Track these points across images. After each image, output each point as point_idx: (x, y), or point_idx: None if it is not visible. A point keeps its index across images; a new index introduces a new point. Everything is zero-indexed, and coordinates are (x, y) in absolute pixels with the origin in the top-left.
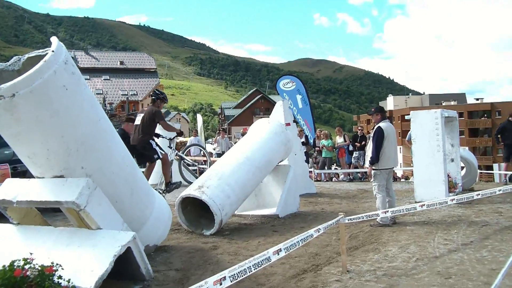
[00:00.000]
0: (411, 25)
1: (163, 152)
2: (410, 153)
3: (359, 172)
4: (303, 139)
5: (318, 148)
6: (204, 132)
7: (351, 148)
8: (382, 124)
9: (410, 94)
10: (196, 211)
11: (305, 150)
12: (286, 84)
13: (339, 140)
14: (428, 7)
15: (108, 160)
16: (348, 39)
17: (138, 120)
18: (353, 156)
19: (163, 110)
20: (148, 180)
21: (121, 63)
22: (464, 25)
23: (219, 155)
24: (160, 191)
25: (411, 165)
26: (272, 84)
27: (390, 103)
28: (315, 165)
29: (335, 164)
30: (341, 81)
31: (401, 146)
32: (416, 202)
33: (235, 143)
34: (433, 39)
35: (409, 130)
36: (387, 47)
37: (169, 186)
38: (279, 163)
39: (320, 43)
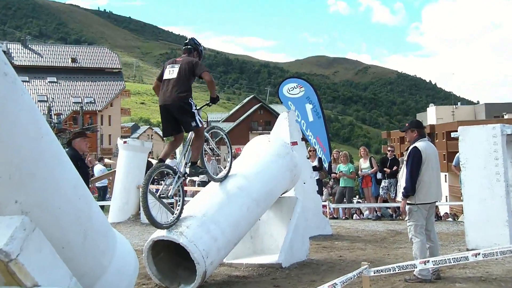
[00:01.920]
0: (459, 10)
1: (202, 121)
2: (459, 182)
3: (389, 208)
4: (315, 163)
5: (334, 175)
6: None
7: (379, 175)
8: (419, 144)
9: (459, 103)
10: (171, 259)
11: (317, 178)
12: (292, 89)
13: (363, 164)
14: None
15: (53, 192)
16: (374, 30)
17: (168, 73)
18: (381, 186)
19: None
20: (166, 158)
21: (73, 60)
22: None
23: (204, 183)
24: (180, 175)
25: (461, 198)
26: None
27: (431, 115)
28: (330, 197)
29: (357, 197)
30: (365, 86)
31: (446, 173)
32: (468, 250)
33: (225, 168)
34: (489, 28)
35: (457, 152)
36: (426, 41)
37: (195, 167)
38: (283, 195)
39: (337, 37)
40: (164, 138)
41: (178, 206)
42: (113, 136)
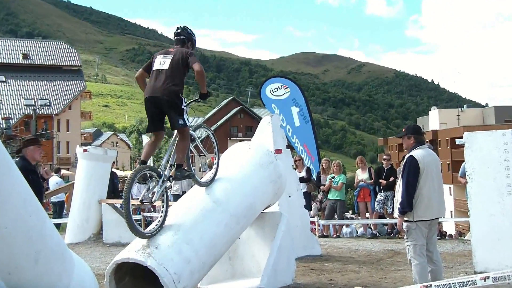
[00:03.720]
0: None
1: (188, 121)
2: (465, 195)
3: (386, 224)
4: (302, 174)
5: (323, 187)
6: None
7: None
8: (416, 152)
9: (465, 106)
10: (138, 284)
11: (304, 190)
12: (276, 90)
13: (361, 175)
14: None
15: None
16: (368, 24)
17: (159, 63)
18: (376, 200)
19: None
20: (148, 159)
21: (25, 56)
22: None
23: (177, 197)
24: (165, 178)
25: (468, 214)
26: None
27: (434, 119)
28: (320, 212)
29: (350, 212)
30: (359, 86)
31: (451, 185)
32: (476, 273)
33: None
34: (498, 20)
35: (463, 161)
36: (426, 35)
37: (180, 170)
38: (266, 210)
39: (327, 31)
40: (131, 145)
41: (162, 212)
42: (72, 144)
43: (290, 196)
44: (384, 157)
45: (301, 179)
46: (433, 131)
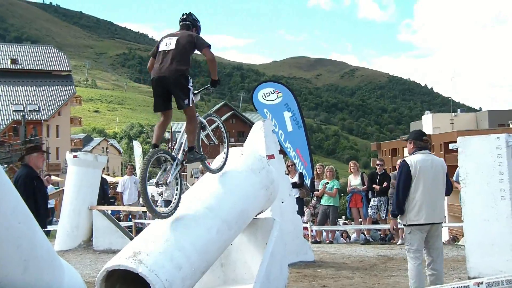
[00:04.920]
0: (456, 5)
1: (194, 101)
2: (459, 200)
3: (379, 230)
4: (295, 179)
5: (317, 193)
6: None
7: (371, 194)
8: (411, 157)
9: (458, 110)
10: None
11: (297, 196)
12: (268, 95)
13: (354, 181)
14: None
15: None
16: (360, 28)
17: (165, 45)
18: (370, 205)
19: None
20: (159, 142)
21: (13, 61)
22: None
23: (167, 203)
24: (178, 162)
25: (461, 219)
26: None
27: (427, 123)
28: (313, 218)
29: (343, 217)
30: (352, 91)
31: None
32: (469, 278)
33: (191, 185)
34: (492, 24)
35: (457, 167)
36: (419, 39)
37: (193, 153)
38: (258, 216)
39: (319, 35)
40: (121, 151)
41: (176, 195)
42: (62, 150)
43: (282, 202)
44: (378, 162)
45: (294, 185)
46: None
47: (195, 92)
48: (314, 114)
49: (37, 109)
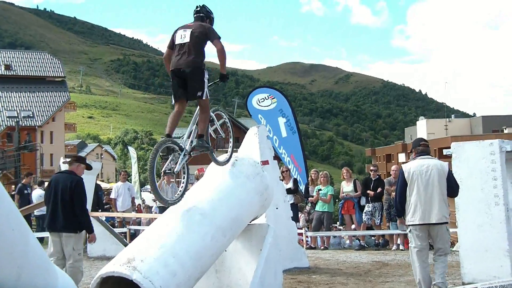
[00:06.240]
0: (449, 10)
1: (208, 95)
2: (453, 206)
3: (374, 236)
4: (289, 185)
5: (311, 199)
6: (140, 175)
7: (362, 201)
8: (407, 164)
9: (453, 116)
10: None
11: (292, 202)
12: (262, 100)
13: (346, 187)
14: None
15: None
16: (354, 33)
17: (180, 38)
18: (364, 211)
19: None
20: (172, 131)
21: (7, 67)
22: None
23: (162, 209)
24: (186, 152)
25: (456, 225)
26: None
27: (422, 129)
28: (308, 224)
29: (338, 223)
30: (346, 96)
31: None
32: (464, 284)
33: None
34: (486, 30)
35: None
36: (413, 45)
37: (202, 140)
38: (252, 222)
39: (312, 40)
40: (115, 157)
41: (183, 184)
42: (56, 156)
43: (277, 208)
44: (372, 168)
45: (288, 191)
46: None
47: (208, 85)
48: (308, 120)
49: (31, 115)
